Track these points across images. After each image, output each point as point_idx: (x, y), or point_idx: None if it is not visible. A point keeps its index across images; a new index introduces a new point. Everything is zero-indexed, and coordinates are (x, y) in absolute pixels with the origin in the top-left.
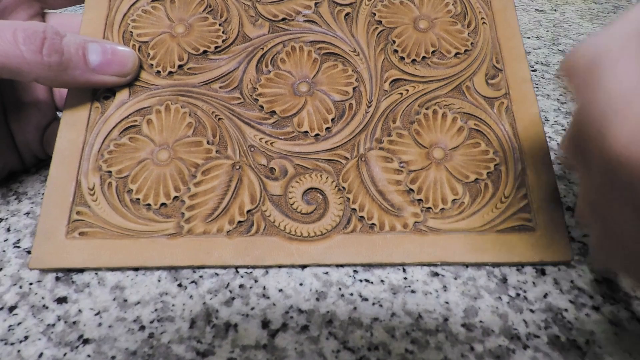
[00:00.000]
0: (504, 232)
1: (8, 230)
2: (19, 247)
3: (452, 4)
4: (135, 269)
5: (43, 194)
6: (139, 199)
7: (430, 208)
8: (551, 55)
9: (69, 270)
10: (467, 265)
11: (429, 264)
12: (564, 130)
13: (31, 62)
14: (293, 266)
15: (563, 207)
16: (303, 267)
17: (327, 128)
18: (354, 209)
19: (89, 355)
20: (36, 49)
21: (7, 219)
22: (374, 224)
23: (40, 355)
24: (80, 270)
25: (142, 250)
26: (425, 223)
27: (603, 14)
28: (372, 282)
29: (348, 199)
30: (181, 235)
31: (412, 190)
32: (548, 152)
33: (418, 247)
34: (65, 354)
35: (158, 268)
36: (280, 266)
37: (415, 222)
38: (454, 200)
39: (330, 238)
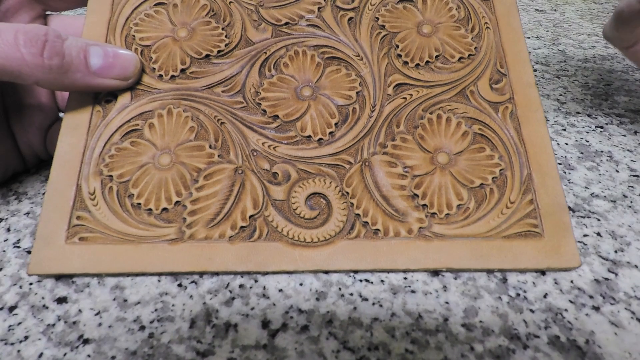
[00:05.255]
0: (510, 238)
1: (8, 230)
2: (19, 247)
3: (456, 9)
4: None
5: (43, 194)
6: (140, 203)
7: (435, 213)
8: (551, 55)
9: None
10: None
11: (434, 270)
12: (564, 130)
13: (32, 64)
14: (296, 272)
15: (569, 212)
16: None
17: (331, 132)
18: (358, 214)
19: (89, 355)
20: (37, 51)
21: (7, 219)
22: (378, 230)
23: (40, 355)
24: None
25: (143, 256)
26: (430, 229)
27: (603, 14)
28: (372, 282)
29: (352, 204)
30: (183, 240)
31: (416, 195)
32: (553, 156)
33: (423, 254)
34: (65, 354)
35: (159, 274)
36: (283, 272)
37: (420, 227)
38: (459, 205)
39: (334, 244)
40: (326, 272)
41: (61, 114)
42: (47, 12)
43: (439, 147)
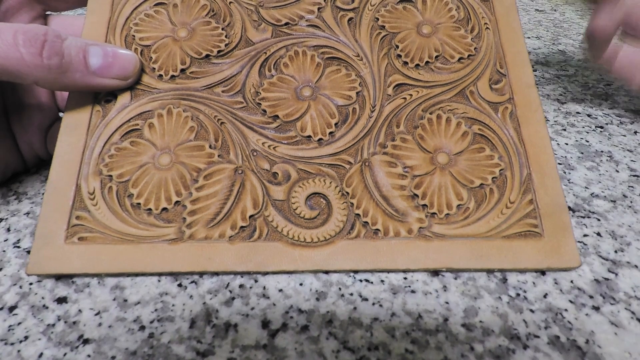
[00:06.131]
0: (510, 238)
1: (8, 230)
2: (19, 247)
3: (455, 9)
4: (136, 275)
5: (43, 194)
6: (139, 203)
7: (435, 213)
8: (551, 55)
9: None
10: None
11: (434, 270)
12: (564, 130)
13: (31, 64)
14: (296, 272)
15: (569, 212)
16: None
17: (331, 133)
18: (358, 214)
19: (89, 355)
20: (36, 51)
21: (7, 219)
22: (378, 230)
23: (40, 355)
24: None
25: (143, 256)
26: (430, 229)
27: None
28: (372, 282)
29: (352, 204)
30: (182, 240)
31: (416, 195)
32: (553, 156)
33: (423, 253)
34: (65, 354)
35: (159, 274)
36: (283, 272)
37: (420, 227)
38: (459, 205)
39: (334, 244)
40: (326, 272)
41: (61, 114)
42: (47, 12)
43: (439, 147)
